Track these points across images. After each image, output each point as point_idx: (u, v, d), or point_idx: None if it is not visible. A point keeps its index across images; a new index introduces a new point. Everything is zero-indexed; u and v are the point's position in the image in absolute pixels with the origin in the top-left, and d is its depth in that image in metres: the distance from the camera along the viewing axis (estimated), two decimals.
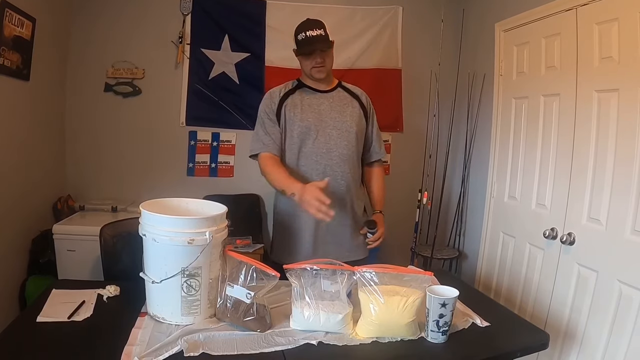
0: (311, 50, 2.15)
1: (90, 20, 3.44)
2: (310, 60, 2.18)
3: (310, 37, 2.15)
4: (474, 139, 3.57)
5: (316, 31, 2.16)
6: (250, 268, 1.50)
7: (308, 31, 2.16)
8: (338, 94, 2.32)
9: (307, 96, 2.27)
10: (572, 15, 2.47)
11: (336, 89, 2.33)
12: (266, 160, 2.19)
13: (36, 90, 2.98)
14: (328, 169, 2.19)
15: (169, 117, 3.62)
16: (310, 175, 2.19)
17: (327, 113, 2.25)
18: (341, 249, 2.23)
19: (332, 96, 2.30)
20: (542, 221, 2.64)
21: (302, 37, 2.17)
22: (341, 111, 2.27)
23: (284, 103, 2.25)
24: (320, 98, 2.28)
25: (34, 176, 3.05)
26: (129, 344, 1.36)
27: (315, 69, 2.20)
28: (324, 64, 2.19)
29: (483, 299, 2.04)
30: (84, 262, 2.75)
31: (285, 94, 2.27)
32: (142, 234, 1.53)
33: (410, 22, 3.85)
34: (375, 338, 1.49)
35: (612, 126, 2.21)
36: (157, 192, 2.12)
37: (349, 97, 2.33)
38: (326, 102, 2.27)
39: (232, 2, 3.60)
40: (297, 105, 2.24)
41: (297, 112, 2.22)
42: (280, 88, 2.31)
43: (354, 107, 2.31)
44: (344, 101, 2.31)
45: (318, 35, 2.16)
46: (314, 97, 2.27)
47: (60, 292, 1.70)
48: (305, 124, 2.21)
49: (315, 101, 2.26)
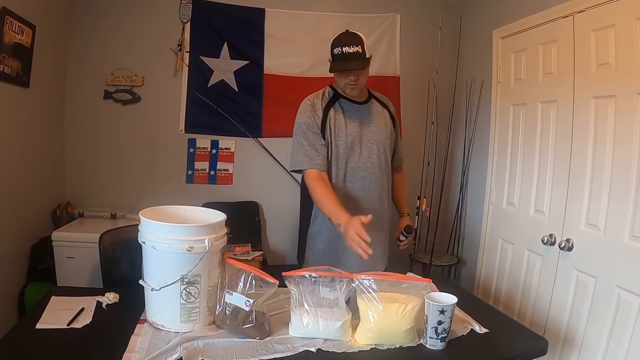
0: (346, 68, 2.07)
1: (90, 27, 3.45)
2: (344, 77, 2.11)
3: (346, 54, 2.04)
4: (472, 146, 3.58)
5: (353, 48, 2.04)
6: (249, 275, 1.50)
7: (345, 47, 2.04)
8: (374, 106, 2.28)
9: (348, 108, 2.21)
10: (569, 22, 2.48)
11: (370, 100, 2.29)
12: (315, 179, 2.09)
13: (36, 97, 2.99)
14: (373, 183, 2.17)
15: (168, 125, 3.63)
16: (356, 191, 2.17)
17: (367, 126, 2.21)
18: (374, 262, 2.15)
19: (368, 108, 2.25)
20: (541, 227, 2.65)
21: (338, 51, 2.06)
22: (378, 123, 2.24)
23: (328, 115, 2.16)
24: (359, 110, 2.22)
25: (33, 183, 3.05)
26: (128, 351, 1.36)
27: (349, 86, 2.13)
28: (357, 82, 2.11)
29: (482, 306, 2.04)
30: (83, 269, 2.75)
31: (326, 105, 2.18)
32: (142, 241, 1.53)
33: (408, 30, 3.87)
34: (374, 345, 1.49)
35: (610, 132, 2.22)
36: (156, 200, 2.12)
37: (381, 107, 2.31)
38: (365, 115, 2.23)
39: (231, 10, 3.61)
40: (341, 118, 2.17)
41: (342, 127, 2.16)
42: (318, 98, 2.20)
43: (386, 118, 2.29)
44: (379, 112, 2.28)
45: (355, 52, 2.04)
46: (354, 109, 2.21)
47: (59, 299, 1.70)
48: (350, 139, 2.16)
49: (356, 114, 2.21)
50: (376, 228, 2.09)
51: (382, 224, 2.26)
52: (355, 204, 2.15)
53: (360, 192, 2.18)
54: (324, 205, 2.06)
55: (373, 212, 1.99)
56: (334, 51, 2.07)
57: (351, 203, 2.13)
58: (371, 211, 1.99)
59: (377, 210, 2.17)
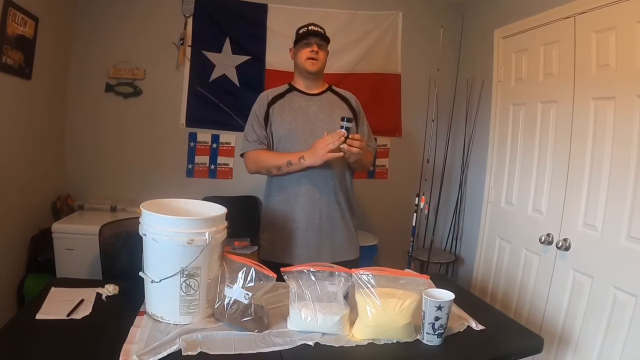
0: (309, 38, 2.24)
1: (93, 20, 3.45)
2: (306, 50, 2.25)
3: (310, 30, 2.27)
4: (471, 145, 3.59)
5: (317, 28, 2.28)
6: (249, 269, 1.52)
7: (310, 26, 2.29)
8: (327, 97, 2.35)
9: (296, 99, 2.30)
10: (571, 23, 2.49)
11: (326, 92, 2.36)
12: (259, 152, 2.26)
13: (37, 89, 3.00)
14: (317, 170, 2.18)
15: (170, 118, 3.64)
16: (299, 177, 2.20)
17: (315, 115, 2.27)
18: (333, 249, 2.27)
19: (321, 99, 2.33)
20: (538, 227, 2.66)
21: (302, 30, 2.28)
22: (330, 113, 2.28)
23: (272, 107, 2.28)
24: (309, 101, 2.30)
25: (34, 174, 3.06)
26: (127, 342, 1.37)
27: (309, 61, 2.25)
28: (318, 57, 2.25)
29: (479, 303, 2.06)
30: (83, 261, 2.77)
31: (274, 97, 2.31)
32: (143, 233, 1.54)
33: (410, 28, 3.87)
34: (371, 340, 1.51)
35: (609, 133, 2.23)
36: (156, 193, 2.13)
37: (338, 99, 2.36)
38: (315, 105, 2.30)
39: (234, 5, 3.61)
40: (284, 108, 2.27)
41: (284, 116, 2.25)
42: (271, 91, 2.36)
43: (343, 110, 2.32)
44: (334, 104, 2.33)
45: (318, 30, 2.27)
46: (303, 99, 2.31)
47: (59, 290, 1.71)
48: (292, 127, 2.23)
49: (304, 104, 2.29)
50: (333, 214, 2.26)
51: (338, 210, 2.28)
52: (299, 190, 2.22)
53: (305, 179, 2.20)
54: (275, 157, 2.21)
55: (321, 202, 2.21)
56: (299, 31, 2.30)
57: (295, 189, 2.22)
58: (320, 201, 2.20)
59: (327, 201, 2.24)
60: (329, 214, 2.25)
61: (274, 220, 2.28)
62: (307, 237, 2.23)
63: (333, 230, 2.27)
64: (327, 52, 2.33)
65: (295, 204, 2.22)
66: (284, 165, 2.16)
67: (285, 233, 2.25)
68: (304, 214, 2.22)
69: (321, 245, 2.25)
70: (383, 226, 3.89)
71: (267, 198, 2.35)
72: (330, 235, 2.27)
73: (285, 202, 2.24)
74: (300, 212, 2.22)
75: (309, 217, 2.22)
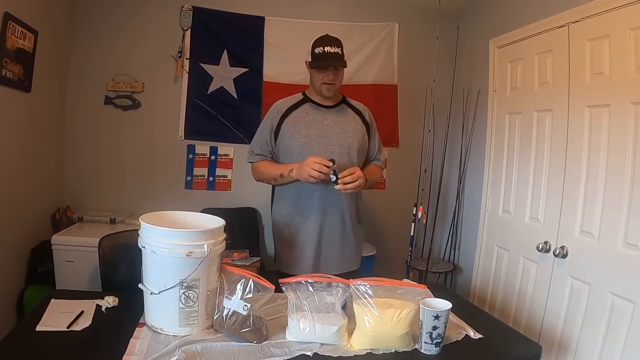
0: (326, 66, 2.19)
1: (92, 33, 3.48)
2: (323, 75, 2.21)
3: (327, 53, 2.19)
4: (468, 154, 3.61)
5: (334, 48, 2.20)
6: (247, 281, 1.52)
7: (326, 47, 2.19)
8: (343, 111, 2.36)
9: (311, 111, 2.31)
10: (565, 32, 2.52)
11: (340, 105, 2.37)
12: (259, 164, 2.33)
13: (37, 102, 3.02)
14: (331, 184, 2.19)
15: (168, 131, 3.66)
16: (312, 190, 2.22)
17: (329, 129, 2.28)
18: (341, 260, 2.31)
19: (336, 112, 2.34)
20: (536, 235, 2.67)
21: (319, 51, 2.20)
22: (344, 127, 2.30)
23: (285, 119, 2.28)
24: (325, 113, 2.31)
25: (34, 187, 3.07)
26: (127, 354, 1.37)
27: (325, 86, 2.24)
28: (334, 82, 2.23)
29: (477, 312, 2.06)
30: (82, 273, 2.77)
31: (287, 109, 2.30)
32: (142, 245, 1.55)
33: (406, 39, 3.90)
34: (369, 349, 1.51)
35: (604, 140, 2.25)
36: (155, 205, 2.13)
37: (352, 113, 2.38)
38: (330, 118, 2.30)
39: (231, 18, 3.65)
40: (299, 121, 2.27)
41: (299, 128, 2.26)
42: (285, 101, 2.35)
43: (357, 124, 2.35)
44: (347, 117, 2.35)
45: (335, 52, 2.20)
46: (318, 112, 2.31)
47: (59, 302, 1.71)
48: (307, 140, 2.24)
49: (319, 116, 2.30)
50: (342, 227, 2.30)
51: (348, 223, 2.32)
52: (312, 203, 2.25)
53: (317, 192, 2.23)
54: (271, 168, 2.27)
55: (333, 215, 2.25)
56: (315, 50, 2.22)
57: (307, 202, 2.25)
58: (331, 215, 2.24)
59: (338, 215, 2.28)
60: (340, 227, 2.29)
61: (286, 232, 2.30)
62: (317, 250, 2.27)
63: (343, 242, 2.31)
64: (343, 73, 2.30)
65: (308, 218, 2.25)
66: (277, 177, 2.23)
67: (295, 246, 2.28)
68: (315, 227, 2.25)
69: (330, 257, 2.29)
70: (381, 236, 3.90)
71: (277, 207, 2.37)
72: (340, 247, 2.31)
73: (298, 214, 2.27)
74: (312, 226, 2.25)
75: (321, 230, 2.26)
